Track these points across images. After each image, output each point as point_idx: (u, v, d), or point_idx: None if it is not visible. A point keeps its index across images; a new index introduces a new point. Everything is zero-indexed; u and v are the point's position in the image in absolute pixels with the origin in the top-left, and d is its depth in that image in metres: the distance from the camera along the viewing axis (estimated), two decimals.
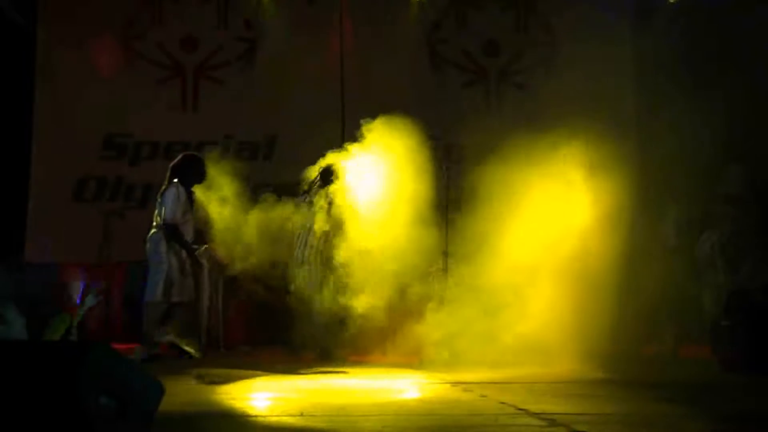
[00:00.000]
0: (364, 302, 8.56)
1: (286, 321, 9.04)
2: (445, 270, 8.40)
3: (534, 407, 5.21)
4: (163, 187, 8.60)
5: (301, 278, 8.76)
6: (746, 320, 7.16)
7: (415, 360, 7.79)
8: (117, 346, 8.57)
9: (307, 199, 8.87)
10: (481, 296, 7.86)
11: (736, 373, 7.04)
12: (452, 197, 8.76)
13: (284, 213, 8.93)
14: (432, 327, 7.94)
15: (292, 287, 8.76)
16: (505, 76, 12.60)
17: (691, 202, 8.55)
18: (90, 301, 8.29)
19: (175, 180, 8.51)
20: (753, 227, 8.45)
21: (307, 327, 8.60)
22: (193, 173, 8.66)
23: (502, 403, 5.44)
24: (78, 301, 7.71)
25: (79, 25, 11.79)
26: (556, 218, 8.12)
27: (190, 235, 8.75)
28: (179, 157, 8.80)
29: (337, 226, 8.51)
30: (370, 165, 8.42)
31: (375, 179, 8.42)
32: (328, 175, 8.66)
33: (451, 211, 8.55)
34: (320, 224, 8.69)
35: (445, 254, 8.41)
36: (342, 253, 8.28)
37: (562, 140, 8.18)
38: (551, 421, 4.74)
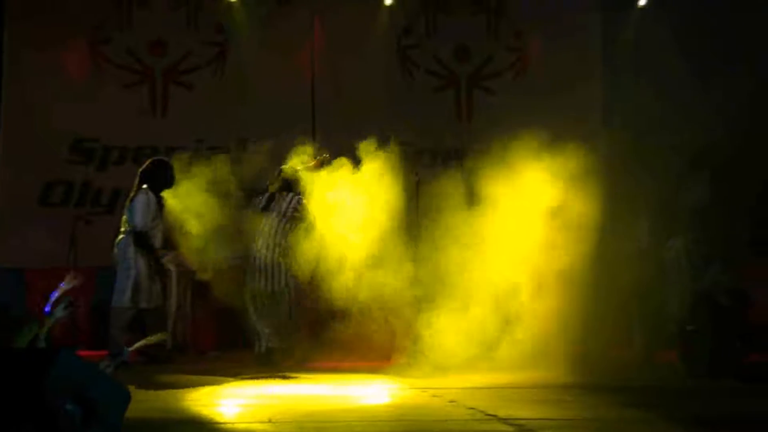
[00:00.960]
0: (330, 307, 8.59)
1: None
2: (415, 276, 8.39)
3: (503, 413, 5.21)
4: (132, 193, 8.54)
5: (260, 281, 8.74)
6: (711, 324, 7.22)
7: (385, 365, 7.78)
8: (84, 352, 8.56)
9: (262, 204, 8.84)
10: (452, 301, 7.87)
11: (703, 378, 7.09)
12: (423, 202, 8.76)
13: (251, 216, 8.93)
14: (403, 332, 7.94)
15: (250, 288, 8.74)
16: (476, 81, 12.63)
17: (659, 206, 8.59)
18: (59, 312, 8.19)
19: (144, 186, 8.45)
20: (718, 232, 8.51)
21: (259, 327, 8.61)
22: (162, 178, 8.61)
23: (471, 408, 5.45)
24: (47, 308, 7.62)
25: (46, 29, 11.67)
26: (528, 223, 8.14)
27: (159, 240, 8.70)
28: (148, 162, 8.75)
29: (302, 230, 8.50)
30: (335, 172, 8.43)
31: (341, 185, 8.43)
32: (291, 183, 8.66)
33: (422, 217, 8.55)
34: (286, 227, 8.67)
35: (415, 260, 8.40)
36: (307, 257, 8.27)
37: (532, 145, 8.19)
38: (519, 426, 4.75)
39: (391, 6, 12.32)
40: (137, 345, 5.10)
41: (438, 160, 12.25)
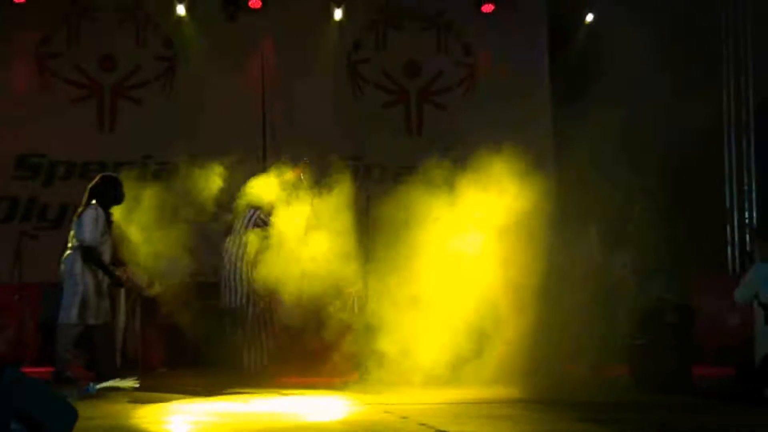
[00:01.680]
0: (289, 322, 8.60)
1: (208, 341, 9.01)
2: (366, 291, 8.40)
3: (453, 428, 5.22)
4: (80, 209, 8.42)
5: (225, 297, 8.74)
6: (659, 339, 7.30)
7: (340, 381, 7.76)
8: (30, 369, 8.43)
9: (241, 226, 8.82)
10: (403, 317, 7.88)
11: (654, 393, 7.16)
12: (372, 217, 8.78)
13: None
14: (358, 347, 7.94)
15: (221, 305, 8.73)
16: (426, 96, 12.69)
17: (605, 221, 8.69)
18: None
19: (93, 201, 8.35)
20: (664, 245, 8.62)
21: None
22: (111, 195, 8.51)
23: (422, 424, 5.44)
24: None
25: None
26: (475, 238, 8.18)
27: (108, 256, 8.60)
28: (97, 177, 8.64)
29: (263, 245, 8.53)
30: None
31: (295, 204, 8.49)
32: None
33: (372, 232, 8.57)
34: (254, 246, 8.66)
35: (365, 275, 8.41)
36: (267, 273, 8.29)
37: (480, 161, 8.24)
38: None
39: (340, 21, 12.35)
40: (105, 384, 5.02)
41: (388, 175, 12.28)
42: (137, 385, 6.53)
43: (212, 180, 10.61)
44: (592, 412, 6.19)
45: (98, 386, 4.94)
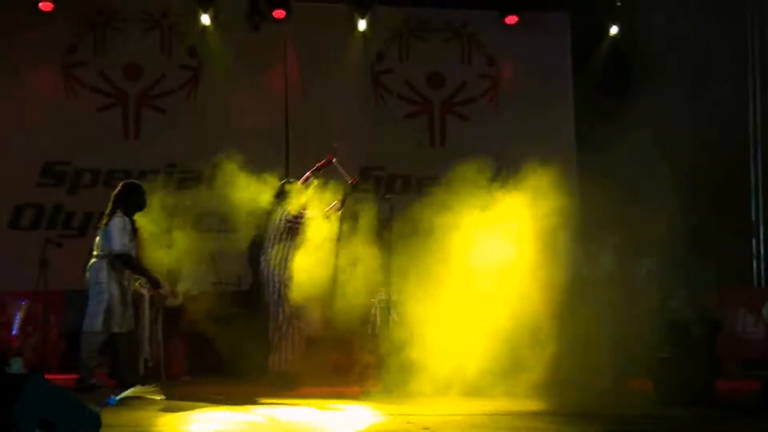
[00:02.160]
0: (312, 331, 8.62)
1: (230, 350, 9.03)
2: (389, 301, 8.40)
3: None
4: (106, 218, 8.46)
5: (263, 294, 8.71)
6: (684, 352, 7.24)
7: (363, 391, 7.74)
8: (54, 376, 8.47)
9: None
10: (426, 327, 7.86)
11: (677, 405, 7.11)
12: (395, 228, 8.77)
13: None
14: (381, 357, 7.93)
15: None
16: (449, 107, 12.69)
17: (628, 231, 8.64)
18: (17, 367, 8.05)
19: (118, 210, 8.39)
20: (687, 255, 8.57)
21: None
22: (135, 202, 8.55)
23: None
24: (14, 330, 7.52)
25: (19, 51, 11.65)
26: (498, 249, 8.15)
27: None
28: (120, 185, 8.68)
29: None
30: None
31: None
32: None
33: (394, 242, 8.56)
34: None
35: (387, 284, 8.40)
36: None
37: (502, 172, 8.23)
38: None
39: (364, 32, 12.38)
40: (126, 393, 5.02)
41: (411, 185, 12.29)
42: (160, 397, 6.58)
43: (236, 188, 10.66)
44: (617, 424, 6.15)
45: (119, 397, 4.94)
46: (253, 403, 7.28)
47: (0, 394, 3.80)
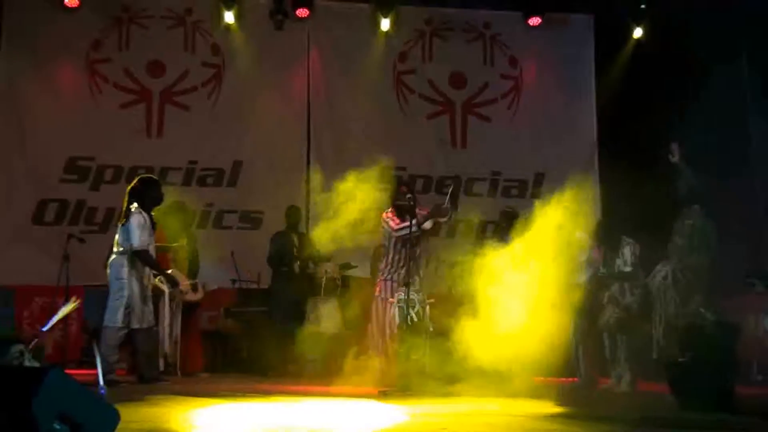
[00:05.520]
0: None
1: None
2: (407, 300, 8.38)
3: None
4: (123, 213, 8.50)
5: None
6: (701, 356, 7.20)
7: (383, 390, 7.73)
8: (73, 371, 8.53)
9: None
10: (449, 328, 7.88)
11: (694, 410, 7.06)
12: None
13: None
14: (402, 357, 7.93)
15: None
16: (471, 108, 12.68)
17: (647, 235, 8.61)
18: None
19: (136, 205, 8.43)
20: (706, 260, 8.53)
21: None
22: (151, 196, 8.58)
23: None
24: (45, 327, 7.52)
25: (44, 47, 11.73)
26: (519, 248, 8.15)
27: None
28: (135, 180, 8.72)
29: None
30: None
31: None
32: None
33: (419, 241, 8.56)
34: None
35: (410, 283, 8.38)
36: None
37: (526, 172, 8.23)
38: None
39: (387, 32, 12.39)
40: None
41: (431, 185, 12.29)
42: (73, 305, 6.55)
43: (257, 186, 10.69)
44: (636, 427, 6.12)
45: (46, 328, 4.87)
46: (271, 399, 7.30)
47: (19, 388, 3.82)
